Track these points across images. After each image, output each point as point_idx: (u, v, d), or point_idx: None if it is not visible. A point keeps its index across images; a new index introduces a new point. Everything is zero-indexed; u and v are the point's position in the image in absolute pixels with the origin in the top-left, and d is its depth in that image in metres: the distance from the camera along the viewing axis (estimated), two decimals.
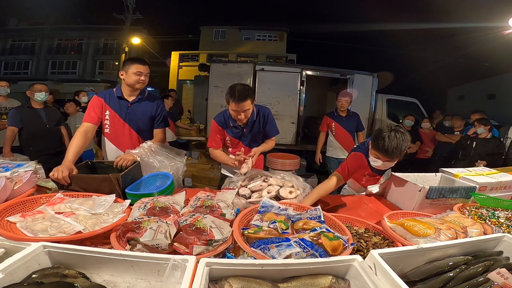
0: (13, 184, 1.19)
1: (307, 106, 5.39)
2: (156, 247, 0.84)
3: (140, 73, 1.83)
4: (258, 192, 1.44)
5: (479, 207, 1.36)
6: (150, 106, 1.96)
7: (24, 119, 2.91)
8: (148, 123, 1.97)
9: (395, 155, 1.47)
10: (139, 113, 1.93)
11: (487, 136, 3.55)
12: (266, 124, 2.03)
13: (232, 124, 1.96)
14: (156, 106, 1.97)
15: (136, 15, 13.21)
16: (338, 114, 3.64)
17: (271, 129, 2.07)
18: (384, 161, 1.52)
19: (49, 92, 3.11)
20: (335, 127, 3.64)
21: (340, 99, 3.56)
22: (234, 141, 2.02)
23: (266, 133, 2.06)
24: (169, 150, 1.82)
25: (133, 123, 1.92)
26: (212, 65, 5.07)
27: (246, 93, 1.76)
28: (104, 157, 2.00)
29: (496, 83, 12.81)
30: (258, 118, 2.00)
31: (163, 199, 1.19)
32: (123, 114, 1.90)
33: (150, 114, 1.96)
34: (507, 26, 6.66)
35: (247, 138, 2.01)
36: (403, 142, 1.45)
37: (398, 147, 1.43)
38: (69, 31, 17.80)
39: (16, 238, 0.85)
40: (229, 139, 2.02)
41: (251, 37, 17.17)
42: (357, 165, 1.70)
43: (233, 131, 1.99)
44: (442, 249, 0.87)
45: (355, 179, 1.94)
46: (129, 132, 1.92)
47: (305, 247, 0.84)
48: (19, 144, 2.94)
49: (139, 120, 1.93)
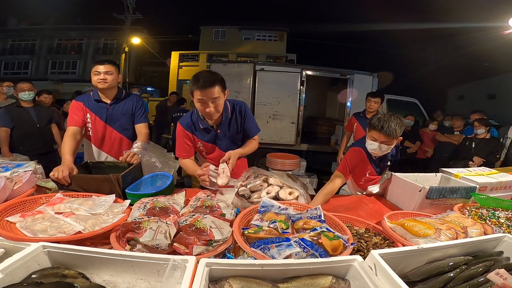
0: (12, 184, 1.19)
1: (307, 106, 5.40)
2: (156, 247, 0.84)
3: (97, 72, 1.82)
4: (257, 192, 1.43)
5: (479, 207, 1.36)
6: (129, 104, 1.97)
7: (14, 118, 2.84)
8: (131, 120, 1.98)
9: (390, 133, 1.51)
10: (120, 113, 1.94)
11: (486, 136, 3.57)
12: (245, 121, 1.67)
13: (202, 126, 1.61)
14: (135, 102, 1.98)
15: (136, 15, 13.21)
16: (364, 115, 3.30)
17: (251, 126, 1.71)
18: (380, 142, 1.56)
19: (34, 90, 3.03)
20: (357, 128, 3.37)
21: (369, 99, 3.17)
22: (207, 145, 1.69)
23: (246, 133, 1.71)
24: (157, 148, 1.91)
25: (115, 123, 1.94)
26: (212, 65, 5.08)
27: (213, 78, 1.41)
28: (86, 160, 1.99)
29: (496, 83, 12.80)
30: (234, 115, 1.65)
31: (163, 199, 1.19)
32: (104, 116, 1.91)
33: (130, 111, 1.97)
34: (507, 26, 6.66)
35: (223, 141, 1.67)
36: (398, 122, 1.52)
37: (392, 124, 1.50)
38: (69, 31, 17.79)
39: (16, 238, 0.85)
40: (202, 144, 1.68)
41: (251, 37, 17.19)
42: (357, 160, 1.70)
43: (204, 134, 1.65)
44: (443, 249, 0.87)
45: (354, 179, 1.93)
46: (111, 133, 1.94)
47: (305, 247, 0.84)
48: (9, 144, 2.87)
49: (121, 119, 1.95)
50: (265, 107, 4.89)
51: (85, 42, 18.06)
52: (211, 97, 1.42)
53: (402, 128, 1.55)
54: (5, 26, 17.60)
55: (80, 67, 17.85)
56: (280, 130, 4.96)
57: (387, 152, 1.67)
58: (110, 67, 1.85)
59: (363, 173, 1.85)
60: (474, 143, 3.62)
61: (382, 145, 1.56)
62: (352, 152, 1.74)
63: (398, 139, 1.62)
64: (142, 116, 2.00)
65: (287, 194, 1.40)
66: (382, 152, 1.63)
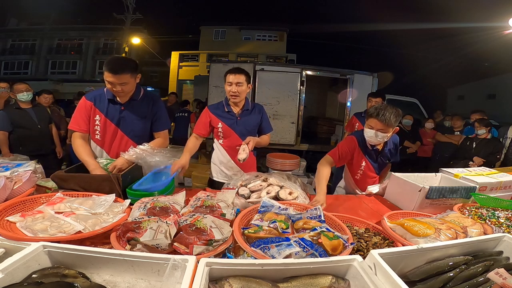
0: (12, 184, 1.19)
1: (307, 106, 5.40)
2: (156, 247, 0.84)
3: (111, 83, 1.55)
4: (257, 192, 1.43)
5: (479, 207, 1.36)
6: (146, 106, 1.76)
7: (14, 121, 2.82)
8: (145, 126, 1.78)
9: (387, 120, 1.59)
10: (134, 116, 1.73)
11: (487, 136, 3.58)
12: (262, 120, 2.03)
13: (226, 109, 1.94)
14: (153, 106, 1.78)
15: (136, 15, 13.19)
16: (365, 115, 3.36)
17: (267, 125, 2.07)
18: (377, 129, 1.63)
19: (32, 90, 2.99)
20: (358, 128, 3.32)
21: (371, 100, 3.15)
22: (226, 129, 1.95)
23: (261, 129, 2.05)
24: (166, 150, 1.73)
25: (127, 128, 1.73)
26: (212, 65, 5.08)
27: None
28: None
29: (496, 83, 12.81)
30: (253, 109, 2.02)
31: (163, 199, 1.19)
32: (116, 118, 1.70)
33: (146, 116, 1.77)
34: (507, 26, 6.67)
35: (241, 127, 1.95)
36: (393, 111, 1.62)
37: (387, 113, 1.59)
38: (69, 31, 17.82)
39: (16, 238, 0.85)
40: (222, 125, 1.95)
41: (251, 37, 17.20)
42: (347, 146, 1.83)
43: (226, 118, 1.94)
44: (442, 249, 0.87)
45: (350, 170, 1.95)
46: (121, 138, 1.74)
47: (305, 247, 0.84)
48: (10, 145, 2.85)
49: (135, 124, 1.74)
50: (265, 107, 4.85)
51: (85, 42, 18.09)
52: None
53: (398, 118, 1.64)
54: (5, 26, 17.61)
55: (80, 67, 17.89)
56: (280, 130, 4.96)
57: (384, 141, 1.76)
58: (125, 78, 1.56)
59: (357, 165, 1.88)
60: (475, 143, 3.63)
61: (379, 132, 1.64)
62: (345, 140, 1.93)
63: (395, 129, 1.69)
64: (160, 122, 1.81)
65: (287, 194, 1.41)
66: (378, 141, 1.70)
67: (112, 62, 1.56)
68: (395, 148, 1.94)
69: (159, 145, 1.76)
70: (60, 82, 16.18)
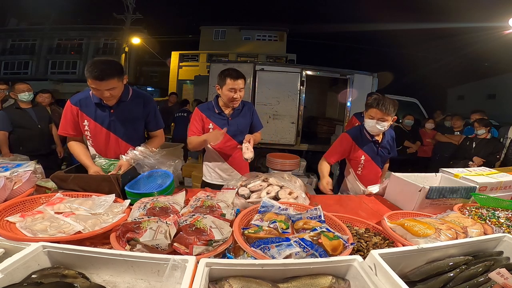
0: (12, 184, 1.19)
1: (307, 106, 5.40)
2: (156, 247, 0.84)
3: (97, 90, 1.45)
4: (257, 193, 1.43)
5: (479, 207, 1.36)
6: (137, 107, 1.68)
7: (14, 121, 2.82)
8: (138, 127, 1.72)
9: (386, 108, 1.73)
10: (125, 118, 1.64)
11: (486, 136, 3.58)
12: (253, 118, 2.03)
13: (217, 111, 1.91)
14: (144, 107, 1.70)
15: (136, 15, 13.21)
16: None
17: (257, 123, 2.08)
18: (377, 119, 1.77)
19: (32, 90, 2.99)
20: None
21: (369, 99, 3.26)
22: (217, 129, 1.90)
23: (253, 127, 2.05)
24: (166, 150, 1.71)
25: (120, 131, 1.64)
26: (212, 65, 5.08)
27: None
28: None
29: (496, 83, 12.82)
30: (243, 108, 2.00)
31: (163, 199, 1.19)
32: (106, 122, 1.61)
33: (138, 117, 1.70)
34: (507, 26, 6.67)
35: (232, 127, 1.91)
36: (391, 101, 1.76)
37: (386, 102, 1.73)
38: (69, 31, 17.82)
39: (16, 238, 0.85)
40: (213, 126, 1.91)
41: (251, 37, 17.21)
42: (339, 144, 1.97)
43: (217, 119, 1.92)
44: (443, 249, 0.86)
45: (351, 167, 1.98)
46: (115, 141, 1.66)
47: (305, 247, 0.84)
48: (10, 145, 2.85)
49: (127, 126, 1.66)
50: (265, 107, 4.89)
51: (85, 42, 18.09)
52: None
53: (396, 107, 1.77)
54: (5, 26, 17.61)
55: (80, 67, 17.86)
56: (280, 130, 4.96)
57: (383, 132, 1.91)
58: (113, 83, 1.44)
59: (357, 160, 1.93)
60: (475, 143, 3.63)
61: (379, 121, 1.78)
62: (338, 139, 2.04)
63: (393, 118, 1.83)
64: (155, 123, 1.77)
65: (287, 194, 1.40)
66: (379, 130, 1.83)
67: (96, 68, 1.39)
68: (393, 140, 2.04)
69: (157, 144, 1.74)
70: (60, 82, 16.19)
